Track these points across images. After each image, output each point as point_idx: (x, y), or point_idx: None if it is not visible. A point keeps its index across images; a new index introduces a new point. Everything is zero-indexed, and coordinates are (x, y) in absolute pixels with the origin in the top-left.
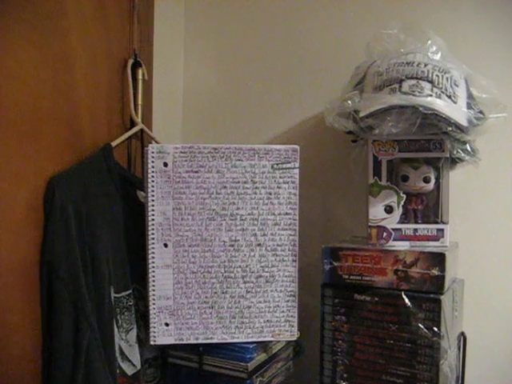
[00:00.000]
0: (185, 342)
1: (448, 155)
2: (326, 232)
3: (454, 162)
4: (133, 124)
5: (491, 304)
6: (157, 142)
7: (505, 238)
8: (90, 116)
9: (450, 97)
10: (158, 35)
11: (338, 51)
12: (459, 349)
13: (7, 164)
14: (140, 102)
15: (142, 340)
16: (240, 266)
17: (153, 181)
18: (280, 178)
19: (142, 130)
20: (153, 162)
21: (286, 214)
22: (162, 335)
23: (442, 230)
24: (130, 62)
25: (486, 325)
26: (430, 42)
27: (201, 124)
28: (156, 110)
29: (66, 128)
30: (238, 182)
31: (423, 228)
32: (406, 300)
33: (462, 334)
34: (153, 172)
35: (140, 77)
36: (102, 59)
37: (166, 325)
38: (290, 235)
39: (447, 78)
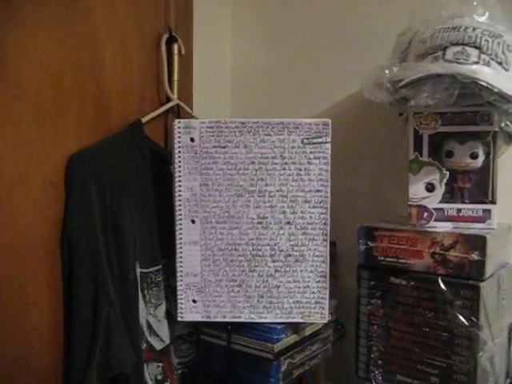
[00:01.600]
0: (212, 319)
1: (497, 128)
2: (371, 211)
3: (511, 136)
4: (169, 100)
5: None
6: (194, 118)
7: None
8: (120, 93)
9: (500, 63)
10: (200, 9)
11: (383, 23)
12: (510, 340)
13: (27, 142)
14: (176, 77)
15: (173, 316)
16: (268, 244)
17: (180, 156)
18: (310, 153)
19: (178, 106)
20: (179, 137)
21: (317, 191)
22: (189, 312)
23: (489, 210)
24: (165, 37)
25: None
26: (475, 3)
27: (250, 100)
28: (197, 85)
29: (91, 105)
30: (267, 158)
31: (468, 208)
32: (443, 286)
33: None
34: (179, 147)
35: (176, 52)
36: (133, 35)
37: (194, 301)
38: (321, 213)
39: (498, 43)
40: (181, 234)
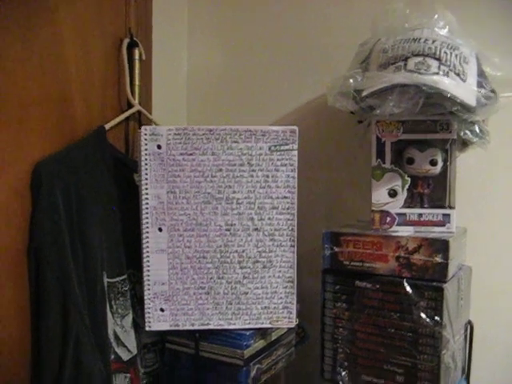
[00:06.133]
0: (180, 328)
1: (455, 137)
2: (330, 216)
3: (464, 143)
4: (130, 106)
5: (500, 292)
6: (156, 124)
7: None
8: (83, 98)
9: (458, 75)
10: (158, 13)
11: (343, 29)
12: (465, 338)
13: None
14: (137, 83)
15: (139, 325)
16: (236, 251)
17: (146, 164)
18: (278, 160)
19: (139, 112)
20: (146, 144)
21: (284, 197)
22: (157, 321)
23: (449, 215)
24: (126, 41)
25: (495, 313)
26: (436, 16)
27: (206, 106)
28: (156, 91)
29: (55, 111)
30: (234, 165)
31: (428, 213)
32: (408, 288)
33: (469, 322)
34: (146, 155)
35: (137, 57)
36: (95, 39)
37: (162, 310)
38: (288, 220)
39: (456, 55)
40: (148, 242)
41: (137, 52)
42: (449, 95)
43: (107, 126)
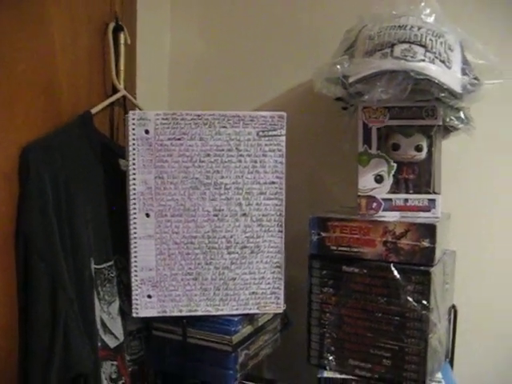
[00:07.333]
0: (168, 314)
1: (441, 123)
2: (313, 202)
3: (447, 130)
4: (115, 91)
5: (483, 276)
6: (140, 109)
7: (498, 209)
8: (70, 82)
9: (443, 62)
10: None
11: (329, 15)
12: (449, 322)
13: None
14: (122, 67)
15: (126, 312)
16: (224, 237)
17: (134, 149)
18: (266, 145)
19: (124, 97)
20: (134, 129)
21: (272, 182)
22: (144, 307)
23: (434, 200)
24: (111, 25)
25: (478, 297)
26: (423, 4)
27: (188, 91)
28: (140, 76)
29: (42, 95)
30: (222, 150)
31: (414, 198)
32: (395, 272)
33: (453, 306)
34: (134, 140)
35: (122, 41)
36: (82, 23)
37: (149, 297)
38: (276, 205)
39: (441, 43)
40: (135, 228)
41: (122, 36)
42: (436, 81)
43: (93, 111)
